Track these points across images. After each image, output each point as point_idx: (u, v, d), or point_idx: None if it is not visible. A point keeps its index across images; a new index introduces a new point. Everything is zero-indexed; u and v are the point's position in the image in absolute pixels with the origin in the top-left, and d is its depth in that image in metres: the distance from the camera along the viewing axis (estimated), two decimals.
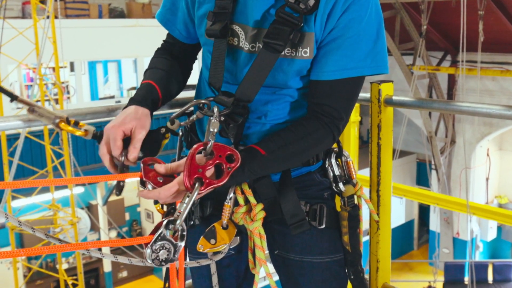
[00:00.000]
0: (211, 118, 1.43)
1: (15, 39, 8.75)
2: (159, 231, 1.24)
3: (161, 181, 1.33)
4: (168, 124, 1.55)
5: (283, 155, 1.47)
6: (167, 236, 1.25)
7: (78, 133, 1.53)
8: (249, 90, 1.47)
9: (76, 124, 1.54)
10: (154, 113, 1.55)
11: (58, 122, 1.51)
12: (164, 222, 1.25)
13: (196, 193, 1.29)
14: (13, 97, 1.51)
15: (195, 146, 1.34)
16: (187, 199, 1.28)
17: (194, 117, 1.52)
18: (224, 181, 1.33)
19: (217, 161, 1.33)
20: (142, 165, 1.35)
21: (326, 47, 1.48)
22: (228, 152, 1.35)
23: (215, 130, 1.40)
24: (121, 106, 1.77)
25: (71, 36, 10.13)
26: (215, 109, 1.43)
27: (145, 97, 1.53)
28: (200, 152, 1.34)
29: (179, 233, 1.27)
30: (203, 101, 1.48)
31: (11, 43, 8.61)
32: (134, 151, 1.42)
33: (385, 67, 1.52)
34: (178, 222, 1.26)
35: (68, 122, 1.52)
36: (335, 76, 1.48)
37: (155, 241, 1.23)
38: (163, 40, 1.75)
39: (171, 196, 1.33)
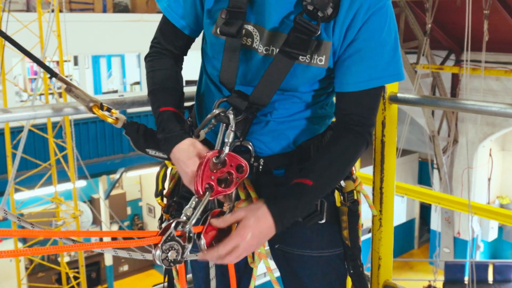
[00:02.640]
0: (223, 125, 1.44)
1: (19, 32, 8.74)
2: (169, 232, 1.26)
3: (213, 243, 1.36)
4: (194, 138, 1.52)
5: (329, 178, 1.50)
6: (176, 237, 1.27)
7: (109, 120, 1.56)
8: (264, 94, 1.47)
9: (108, 110, 1.57)
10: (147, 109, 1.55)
11: (91, 105, 1.55)
12: (173, 224, 1.28)
13: (206, 201, 1.32)
14: (53, 74, 1.54)
15: (210, 153, 1.36)
16: (194, 203, 1.33)
17: (210, 126, 1.51)
18: (232, 190, 1.37)
19: (228, 170, 1.36)
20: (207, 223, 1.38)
21: (350, 59, 1.48)
22: (239, 163, 1.37)
23: (230, 141, 1.40)
24: (125, 99, 1.77)
25: (76, 30, 10.13)
26: (231, 117, 1.44)
27: (181, 127, 1.50)
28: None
29: (187, 235, 1.29)
30: (217, 111, 1.46)
31: (16, 36, 8.45)
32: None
33: (402, 73, 1.54)
34: (187, 226, 1.29)
35: (101, 107, 1.55)
36: (361, 87, 1.50)
37: (165, 241, 1.25)
38: (155, 41, 1.68)
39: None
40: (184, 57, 1.73)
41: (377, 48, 1.47)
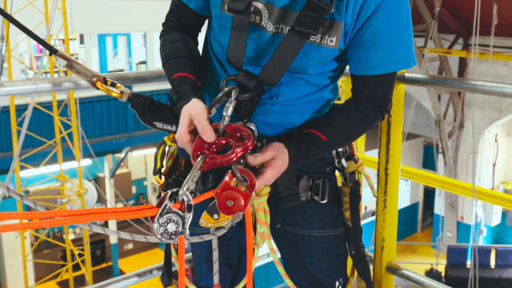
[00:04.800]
0: (228, 99, 1.41)
1: (25, 9, 8.71)
2: (164, 204, 1.22)
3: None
4: None
5: (340, 139, 1.56)
6: (173, 208, 1.23)
7: (114, 94, 1.54)
8: (273, 74, 1.44)
9: (112, 85, 1.55)
10: (152, 88, 1.52)
11: (95, 80, 1.53)
12: (168, 194, 1.24)
13: (198, 166, 1.28)
14: (53, 51, 1.51)
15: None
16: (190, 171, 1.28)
17: (222, 102, 1.46)
18: (229, 157, 1.31)
19: (227, 140, 1.33)
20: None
21: (368, 42, 1.46)
22: (242, 133, 1.34)
23: (228, 114, 1.38)
24: (128, 74, 1.76)
25: (81, 7, 10.09)
26: (233, 93, 1.41)
27: (188, 91, 1.48)
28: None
29: (185, 204, 1.25)
30: (227, 89, 1.43)
31: (21, 13, 8.57)
32: (204, 133, 1.33)
33: (415, 58, 1.54)
34: (180, 192, 1.24)
35: (105, 81, 1.54)
36: (381, 71, 1.50)
37: (161, 215, 1.21)
38: (168, 19, 1.67)
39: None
40: (199, 33, 1.72)
41: (395, 31, 1.46)
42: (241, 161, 1.34)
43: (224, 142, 1.33)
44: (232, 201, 1.30)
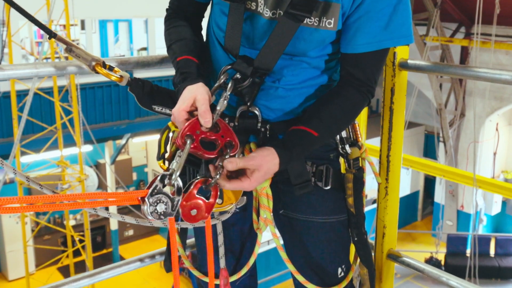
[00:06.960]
0: (223, 94, 1.42)
1: None
2: (154, 185, 1.25)
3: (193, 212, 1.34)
4: None
5: (332, 131, 1.55)
6: (163, 190, 1.26)
7: (113, 78, 1.55)
8: (268, 58, 1.45)
9: (111, 69, 1.56)
10: (154, 75, 1.52)
11: (94, 64, 1.53)
12: (159, 176, 1.27)
13: (187, 150, 1.31)
14: (52, 35, 1.51)
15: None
16: (179, 157, 1.31)
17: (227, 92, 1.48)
18: (211, 156, 1.35)
19: (216, 138, 1.36)
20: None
21: (359, 20, 1.45)
22: (229, 139, 1.37)
23: (221, 109, 1.40)
24: (130, 59, 1.75)
25: None
26: (228, 87, 1.42)
27: (194, 73, 1.49)
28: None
29: (175, 188, 1.28)
30: (223, 78, 1.45)
31: None
32: (204, 116, 1.36)
33: (412, 36, 1.52)
34: (173, 177, 1.27)
35: (104, 65, 1.54)
36: (371, 48, 1.48)
37: (151, 194, 1.24)
38: (170, 7, 1.69)
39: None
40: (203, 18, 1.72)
41: (387, 8, 1.44)
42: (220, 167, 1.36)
43: (213, 138, 1.36)
44: (196, 210, 1.33)
